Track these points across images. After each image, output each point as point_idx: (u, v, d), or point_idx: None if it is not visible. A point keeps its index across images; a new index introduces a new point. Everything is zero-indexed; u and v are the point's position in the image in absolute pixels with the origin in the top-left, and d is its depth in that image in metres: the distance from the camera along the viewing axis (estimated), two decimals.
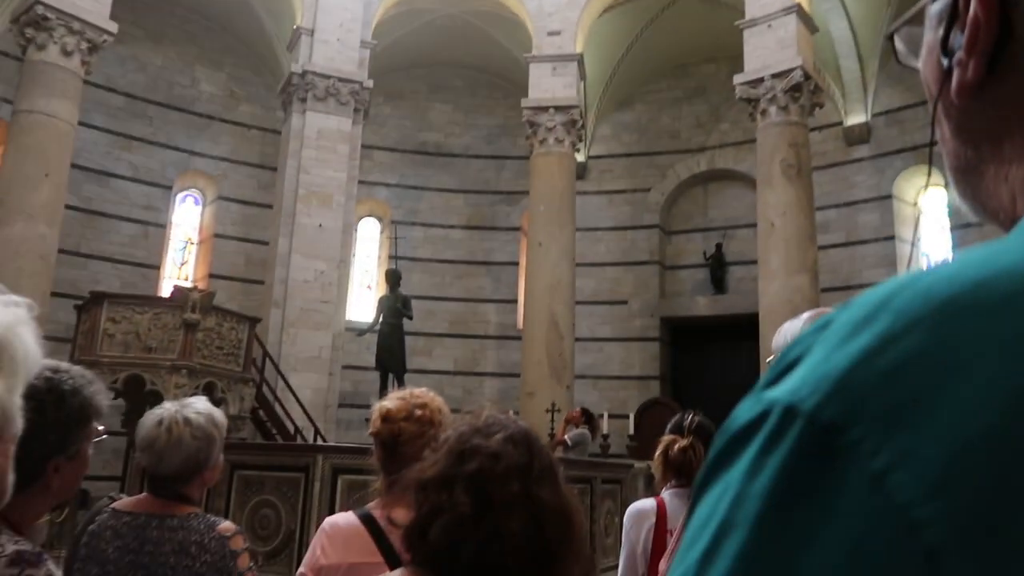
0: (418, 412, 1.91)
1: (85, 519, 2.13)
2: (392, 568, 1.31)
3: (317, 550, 1.85)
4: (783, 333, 1.67)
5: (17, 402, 0.83)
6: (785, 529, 0.29)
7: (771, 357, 1.69)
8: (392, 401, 1.93)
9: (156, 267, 14.58)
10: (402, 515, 1.34)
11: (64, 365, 1.50)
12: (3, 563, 1.33)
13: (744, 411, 0.33)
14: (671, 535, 2.61)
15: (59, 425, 1.42)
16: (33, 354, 0.84)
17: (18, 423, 0.84)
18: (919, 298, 0.31)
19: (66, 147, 10.54)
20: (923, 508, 0.27)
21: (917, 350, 0.30)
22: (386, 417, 1.89)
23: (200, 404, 2.15)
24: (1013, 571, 0.26)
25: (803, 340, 0.34)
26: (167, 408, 2.13)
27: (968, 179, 0.45)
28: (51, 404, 1.41)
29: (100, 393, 1.53)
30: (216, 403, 2.94)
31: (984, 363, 0.29)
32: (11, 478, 0.85)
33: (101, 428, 1.55)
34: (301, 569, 1.87)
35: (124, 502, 2.15)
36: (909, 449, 0.28)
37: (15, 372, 0.81)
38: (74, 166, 11.56)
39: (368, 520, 1.84)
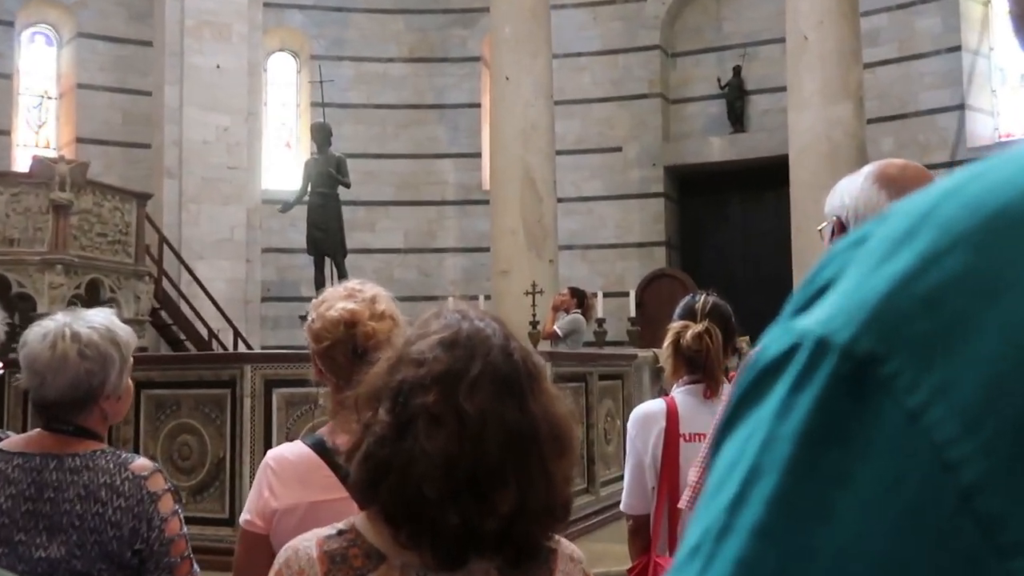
0: (380, 307, 1.97)
1: None
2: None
3: (264, 491, 1.91)
4: (839, 193, 1.71)
5: None
6: (818, 472, 0.33)
7: (823, 224, 1.74)
8: (342, 300, 1.98)
9: (5, 132, 14.19)
10: (344, 440, 1.41)
11: None
12: None
13: (772, 343, 0.37)
14: (685, 440, 2.74)
15: None
16: None
17: None
18: (966, 209, 0.34)
19: None
20: (959, 446, 0.31)
21: (960, 271, 0.33)
22: (352, 322, 1.93)
23: (99, 317, 2.17)
24: None
25: (836, 258, 0.37)
26: (56, 320, 2.15)
27: None
28: None
29: None
30: (105, 305, 2.96)
31: None
32: None
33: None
34: (245, 516, 1.94)
35: (12, 441, 2.21)
36: (946, 382, 0.32)
37: None
38: None
39: (321, 449, 1.91)
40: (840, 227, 1.69)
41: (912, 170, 1.72)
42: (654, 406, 2.89)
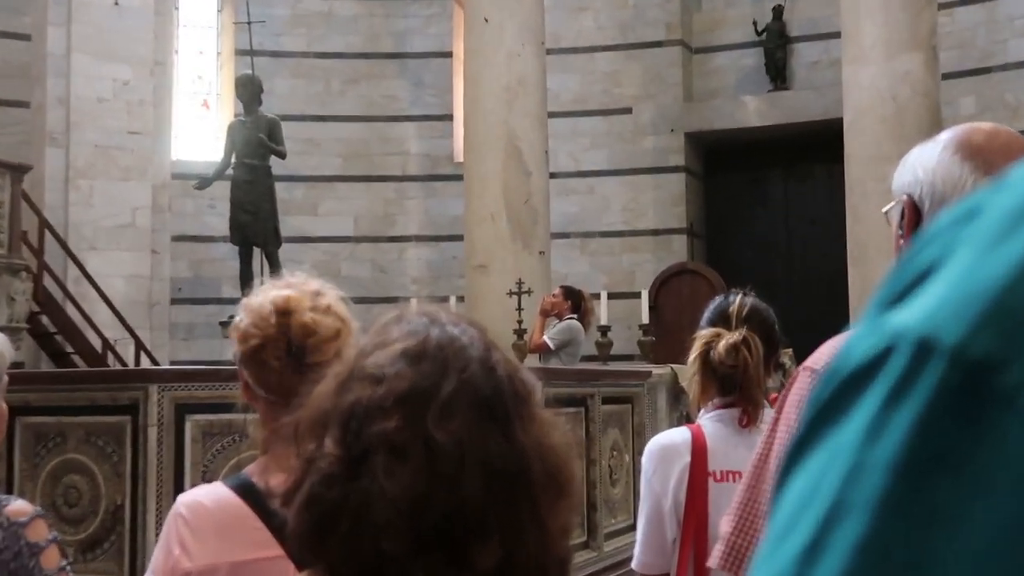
0: (324, 301, 1.98)
1: None
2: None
3: (174, 548, 1.90)
4: (910, 165, 1.72)
5: None
6: (921, 510, 0.32)
7: (890, 205, 1.75)
8: (277, 288, 1.98)
9: None
10: (280, 481, 1.39)
11: None
12: None
13: (859, 345, 0.36)
14: (715, 479, 2.74)
15: None
16: None
17: None
18: None
19: None
20: None
21: None
22: (285, 310, 1.93)
23: None
24: None
25: (939, 236, 0.37)
26: None
27: None
28: None
29: None
30: None
31: None
32: None
33: None
34: None
35: None
36: None
37: None
38: None
39: (249, 492, 1.89)
40: (912, 208, 1.69)
41: (1004, 136, 1.72)
42: (676, 436, 2.90)
